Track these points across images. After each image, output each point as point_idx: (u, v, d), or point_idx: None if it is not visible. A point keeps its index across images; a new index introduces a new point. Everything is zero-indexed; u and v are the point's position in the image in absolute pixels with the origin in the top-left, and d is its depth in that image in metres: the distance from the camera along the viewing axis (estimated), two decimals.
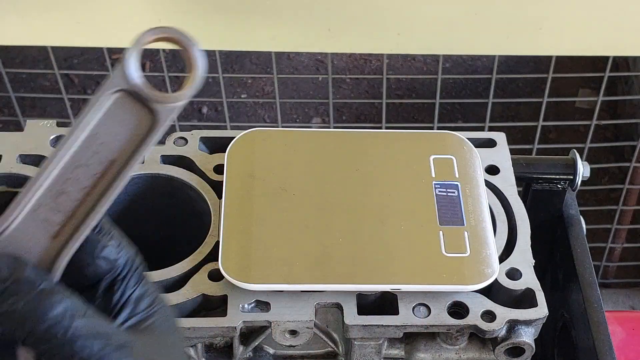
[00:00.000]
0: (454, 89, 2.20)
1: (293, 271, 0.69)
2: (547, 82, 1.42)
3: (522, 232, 0.76)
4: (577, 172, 0.83)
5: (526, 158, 0.85)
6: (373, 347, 0.72)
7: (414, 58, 2.25)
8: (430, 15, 1.15)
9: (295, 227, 0.72)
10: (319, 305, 0.70)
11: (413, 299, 0.70)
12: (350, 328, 0.69)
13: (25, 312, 0.38)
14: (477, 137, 0.83)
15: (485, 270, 0.70)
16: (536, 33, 1.16)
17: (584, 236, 0.84)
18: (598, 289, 0.79)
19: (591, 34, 1.16)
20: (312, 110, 2.15)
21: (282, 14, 1.16)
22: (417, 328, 0.69)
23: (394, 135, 0.81)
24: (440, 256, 0.71)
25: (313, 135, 0.81)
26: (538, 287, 0.71)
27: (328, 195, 0.75)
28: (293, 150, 0.78)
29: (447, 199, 0.75)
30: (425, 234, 0.72)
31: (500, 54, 1.40)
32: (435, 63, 2.19)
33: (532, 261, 0.73)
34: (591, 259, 0.82)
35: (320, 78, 2.12)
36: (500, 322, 0.69)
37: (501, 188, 0.79)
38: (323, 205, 0.74)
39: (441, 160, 0.78)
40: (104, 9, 1.15)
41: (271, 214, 0.73)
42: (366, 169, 0.77)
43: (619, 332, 1.05)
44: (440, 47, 1.24)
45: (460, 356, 0.73)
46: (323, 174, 0.77)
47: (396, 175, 0.77)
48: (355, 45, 1.26)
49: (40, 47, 1.89)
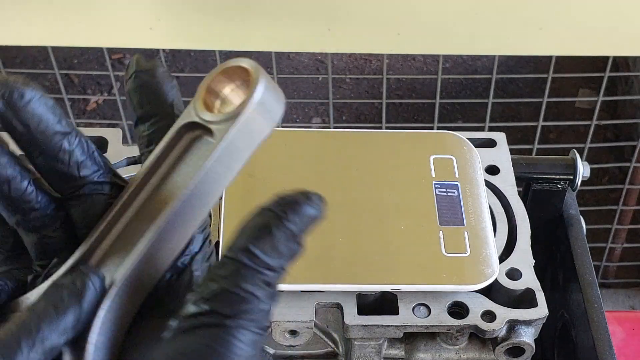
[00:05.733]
0: (454, 89, 2.20)
1: (293, 271, 0.68)
2: (547, 82, 1.42)
3: (522, 232, 0.76)
4: (577, 172, 0.83)
5: (526, 158, 0.85)
6: (373, 347, 0.72)
7: (414, 58, 2.25)
8: (430, 15, 1.15)
9: None
10: (319, 305, 0.70)
11: (413, 299, 0.70)
12: (350, 328, 0.69)
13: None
14: (477, 137, 0.83)
15: (485, 270, 0.70)
16: (536, 33, 1.16)
17: (584, 236, 0.84)
18: (598, 289, 0.79)
19: (591, 34, 1.16)
20: (312, 110, 2.15)
21: (282, 14, 1.16)
22: (417, 328, 0.69)
23: (394, 135, 0.81)
24: (440, 256, 0.71)
25: (313, 135, 0.81)
26: (538, 287, 0.71)
27: (328, 195, 0.75)
28: (293, 150, 0.78)
29: (447, 199, 0.75)
30: (425, 233, 0.72)
31: (500, 54, 1.40)
32: (435, 63, 2.19)
33: (532, 261, 0.73)
34: (591, 259, 0.82)
35: (320, 78, 2.13)
36: (500, 322, 0.69)
37: (501, 188, 0.79)
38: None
39: (441, 160, 0.78)
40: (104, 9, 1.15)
41: None
42: (366, 169, 0.77)
43: (619, 332, 1.05)
44: (440, 47, 1.24)
45: (461, 356, 0.73)
46: (323, 174, 0.77)
47: (396, 175, 0.77)
48: (355, 45, 1.26)
49: (40, 47, 1.89)
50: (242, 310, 0.36)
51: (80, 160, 0.40)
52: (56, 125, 0.39)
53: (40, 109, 0.39)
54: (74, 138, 0.40)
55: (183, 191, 0.39)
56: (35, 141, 0.39)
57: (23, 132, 0.39)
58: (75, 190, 0.40)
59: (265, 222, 0.37)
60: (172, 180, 0.40)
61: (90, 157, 0.41)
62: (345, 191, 0.75)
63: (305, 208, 0.38)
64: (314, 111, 2.15)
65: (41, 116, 0.39)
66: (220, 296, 0.36)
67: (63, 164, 0.40)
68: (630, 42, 1.18)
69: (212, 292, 0.36)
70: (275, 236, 0.37)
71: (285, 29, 1.17)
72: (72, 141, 0.40)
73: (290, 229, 0.37)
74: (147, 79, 0.42)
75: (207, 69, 1.84)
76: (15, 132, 0.39)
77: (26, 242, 0.41)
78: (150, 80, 0.42)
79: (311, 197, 0.38)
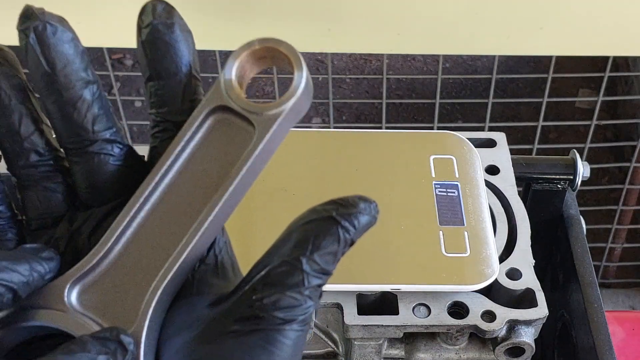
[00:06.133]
0: (454, 89, 2.20)
1: None
2: (547, 82, 1.42)
3: (522, 232, 0.76)
4: (577, 172, 0.83)
5: (526, 158, 0.85)
6: (373, 347, 0.72)
7: (414, 58, 2.25)
8: (430, 15, 1.14)
9: None
10: (319, 305, 0.70)
11: (413, 299, 0.70)
12: (350, 328, 0.69)
13: None
14: (477, 137, 0.83)
15: (485, 270, 0.70)
16: (536, 33, 1.16)
17: (584, 236, 0.84)
18: (598, 289, 0.79)
19: (591, 34, 1.16)
20: (312, 110, 2.15)
21: (282, 14, 1.16)
22: (417, 328, 0.69)
23: (394, 135, 0.81)
24: (440, 256, 0.71)
25: (313, 135, 0.80)
26: (538, 287, 0.71)
27: (328, 195, 0.75)
28: (293, 150, 0.78)
29: (447, 199, 0.75)
30: (425, 234, 0.72)
31: (500, 54, 1.40)
32: (435, 63, 2.19)
33: (532, 261, 0.73)
34: (591, 259, 0.82)
35: (320, 78, 2.12)
36: (500, 322, 0.69)
37: (501, 188, 0.79)
38: None
39: (441, 160, 0.78)
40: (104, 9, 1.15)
41: (271, 214, 0.73)
42: (366, 169, 0.77)
43: (619, 332, 1.05)
44: (440, 47, 1.24)
45: (460, 356, 0.73)
46: (323, 174, 0.77)
47: (396, 175, 0.77)
48: (355, 45, 1.26)
49: None
50: (297, 313, 0.36)
51: (96, 114, 0.38)
52: (82, 72, 0.37)
53: (70, 51, 0.37)
54: (96, 89, 0.38)
55: (231, 182, 0.38)
56: (57, 84, 0.37)
57: (46, 71, 0.37)
58: (84, 147, 0.39)
59: (328, 229, 0.37)
60: (198, 165, 0.39)
61: (107, 114, 0.39)
62: (345, 191, 0.75)
63: (364, 217, 0.39)
64: (313, 111, 2.15)
65: (69, 58, 0.37)
66: (279, 303, 0.36)
67: (79, 114, 0.38)
68: (630, 42, 1.18)
69: (271, 298, 0.36)
70: (336, 245, 0.37)
71: (285, 29, 1.17)
72: (94, 92, 0.38)
73: (351, 237, 0.38)
74: (164, 32, 0.38)
75: (207, 68, 1.84)
76: (37, 69, 0.37)
77: (26, 202, 0.40)
78: (168, 35, 0.38)
79: (370, 205, 0.39)
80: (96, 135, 0.38)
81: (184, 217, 0.38)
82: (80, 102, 0.37)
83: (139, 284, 0.38)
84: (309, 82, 0.38)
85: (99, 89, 0.38)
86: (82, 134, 0.38)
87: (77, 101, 0.37)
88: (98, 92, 0.38)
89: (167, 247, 0.38)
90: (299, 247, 0.37)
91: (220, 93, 0.38)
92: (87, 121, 0.38)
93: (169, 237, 0.38)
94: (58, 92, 0.37)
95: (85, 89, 0.37)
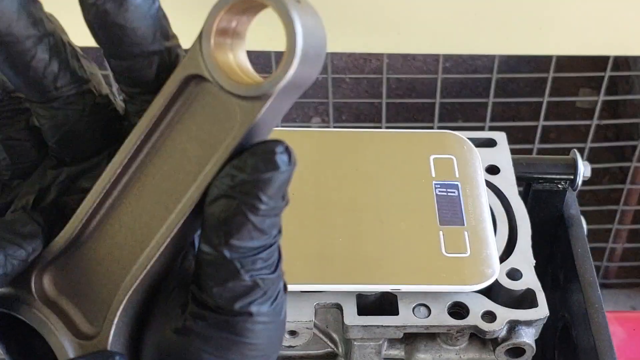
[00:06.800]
0: (454, 89, 2.20)
1: (293, 271, 0.69)
2: (547, 81, 1.42)
3: (522, 232, 0.76)
4: (578, 172, 0.83)
5: (527, 158, 0.85)
6: (373, 347, 0.72)
7: (414, 58, 2.25)
8: (430, 15, 1.14)
9: (295, 227, 0.72)
10: (319, 306, 0.70)
11: (413, 299, 0.70)
12: (350, 328, 0.69)
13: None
14: (478, 137, 0.83)
15: (485, 270, 0.70)
16: (536, 33, 1.16)
17: (584, 236, 0.84)
18: (599, 289, 0.79)
19: (591, 33, 1.16)
20: (312, 110, 2.15)
21: None
22: (417, 328, 0.69)
23: (394, 135, 0.81)
24: (441, 256, 0.71)
25: (313, 135, 0.80)
26: (539, 288, 0.71)
27: (328, 195, 0.75)
28: None
29: (447, 199, 0.75)
30: (425, 234, 0.72)
31: (501, 54, 1.40)
32: (435, 63, 2.19)
33: (533, 261, 0.73)
34: (592, 259, 0.82)
35: (320, 78, 2.12)
36: (500, 322, 0.69)
37: (501, 188, 0.79)
38: (323, 205, 0.74)
39: (441, 160, 0.78)
40: None
41: None
42: (366, 169, 0.77)
43: (620, 333, 1.05)
44: (440, 47, 1.24)
45: (461, 357, 0.73)
46: (323, 174, 0.76)
47: (396, 175, 0.77)
48: (355, 45, 1.26)
49: None
50: (256, 295, 0.35)
51: (56, 71, 0.33)
52: (31, 29, 0.32)
53: (13, 7, 0.31)
54: (52, 41, 0.33)
55: (211, 170, 0.33)
56: (3, 45, 0.32)
57: None
58: (48, 101, 0.34)
59: (235, 212, 0.33)
60: (177, 144, 0.33)
61: (70, 67, 0.34)
62: (345, 191, 0.75)
63: (274, 182, 0.34)
64: (313, 111, 2.15)
65: (12, 16, 0.31)
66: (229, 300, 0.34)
67: (36, 72, 0.33)
68: (630, 41, 1.18)
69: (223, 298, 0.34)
70: (252, 222, 0.34)
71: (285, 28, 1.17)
72: (50, 46, 0.33)
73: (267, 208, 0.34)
74: (115, 13, 0.32)
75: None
76: None
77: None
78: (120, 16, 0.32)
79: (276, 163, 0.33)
80: (59, 92, 0.34)
81: (159, 207, 0.34)
82: (35, 62, 0.33)
83: (111, 277, 0.35)
84: (309, 38, 0.31)
85: (55, 40, 0.33)
86: (43, 92, 0.34)
87: (30, 61, 0.33)
88: (55, 45, 0.33)
89: (141, 239, 0.34)
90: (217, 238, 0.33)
91: (196, 60, 0.32)
92: (47, 80, 0.33)
93: (142, 229, 0.34)
94: (7, 53, 0.32)
95: (39, 45, 0.33)
